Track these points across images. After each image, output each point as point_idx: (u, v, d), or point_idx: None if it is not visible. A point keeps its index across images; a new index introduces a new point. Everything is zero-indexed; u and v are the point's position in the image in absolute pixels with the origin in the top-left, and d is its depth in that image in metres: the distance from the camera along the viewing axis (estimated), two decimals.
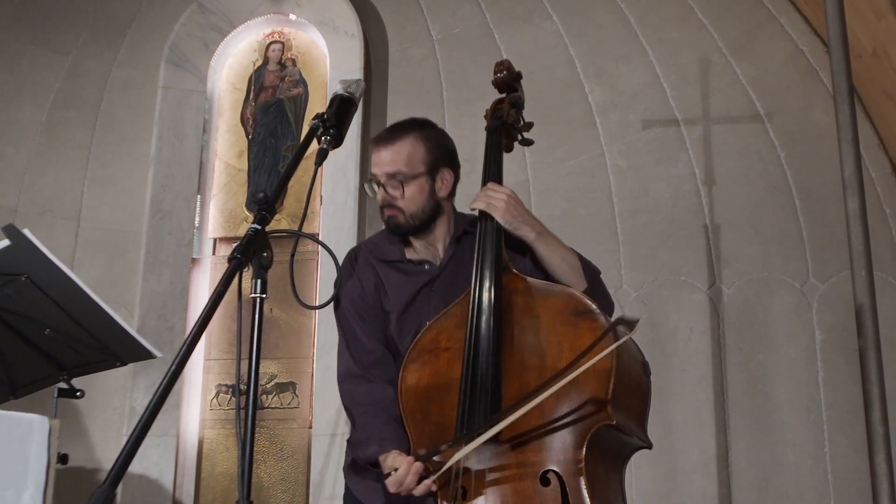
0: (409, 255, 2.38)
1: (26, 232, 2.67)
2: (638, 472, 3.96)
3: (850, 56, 3.03)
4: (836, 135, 2.97)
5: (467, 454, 1.89)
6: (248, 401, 1.66)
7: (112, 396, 4.36)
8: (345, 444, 2.44)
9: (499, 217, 2.18)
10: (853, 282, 2.88)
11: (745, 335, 4.09)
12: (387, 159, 2.31)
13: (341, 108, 2.00)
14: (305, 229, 2.95)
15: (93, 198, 4.72)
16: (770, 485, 3.89)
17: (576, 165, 4.45)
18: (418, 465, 1.98)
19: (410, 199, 2.29)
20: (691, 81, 4.42)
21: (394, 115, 4.45)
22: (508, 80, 2.40)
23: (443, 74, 4.69)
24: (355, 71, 4.59)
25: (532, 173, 4.47)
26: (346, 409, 2.28)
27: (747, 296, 4.13)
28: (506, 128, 2.34)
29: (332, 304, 2.34)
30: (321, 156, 1.96)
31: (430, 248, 2.38)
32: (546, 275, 2.24)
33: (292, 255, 1.96)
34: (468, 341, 2.01)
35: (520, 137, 2.42)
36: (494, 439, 1.89)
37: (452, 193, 2.42)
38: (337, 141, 1.98)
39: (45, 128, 4.80)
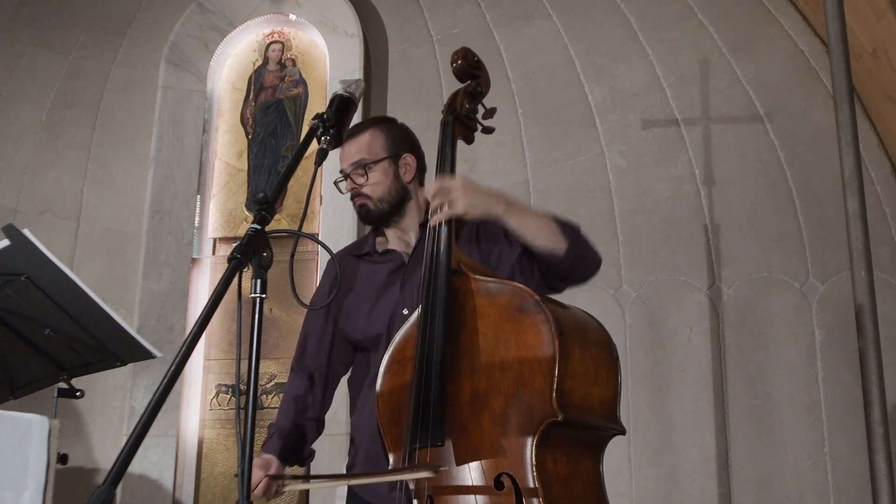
0: (380, 246, 2.42)
1: (26, 232, 2.67)
2: (638, 472, 3.96)
3: (850, 56, 3.03)
4: (836, 135, 2.97)
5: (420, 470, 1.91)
6: (248, 401, 1.66)
7: (112, 396, 4.36)
8: (346, 443, 2.45)
9: (461, 211, 2.11)
10: (853, 282, 2.89)
11: (745, 335, 4.09)
12: (350, 151, 2.39)
13: (341, 107, 2.00)
14: (305, 229, 2.96)
15: (93, 198, 4.72)
16: (770, 485, 3.89)
17: (575, 165, 4.45)
18: (266, 481, 2.13)
19: (375, 183, 2.35)
20: (691, 81, 4.42)
21: (393, 115, 4.44)
22: (466, 69, 2.35)
23: (442, 74, 4.69)
24: (355, 71, 4.59)
25: (532, 173, 4.47)
26: (281, 404, 2.45)
27: (747, 296, 4.13)
28: (460, 120, 2.30)
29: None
30: (321, 156, 1.96)
31: (403, 238, 2.41)
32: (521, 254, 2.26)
33: (292, 255, 1.96)
34: (418, 350, 1.99)
35: (479, 127, 2.35)
36: (441, 446, 1.89)
37: (421, 180, 2.44)
38: (337, 141, 1.98)
39: (45, 128, 4.80)
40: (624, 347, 4.08)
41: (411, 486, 1.95)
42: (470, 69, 2.35)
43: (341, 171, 2.42)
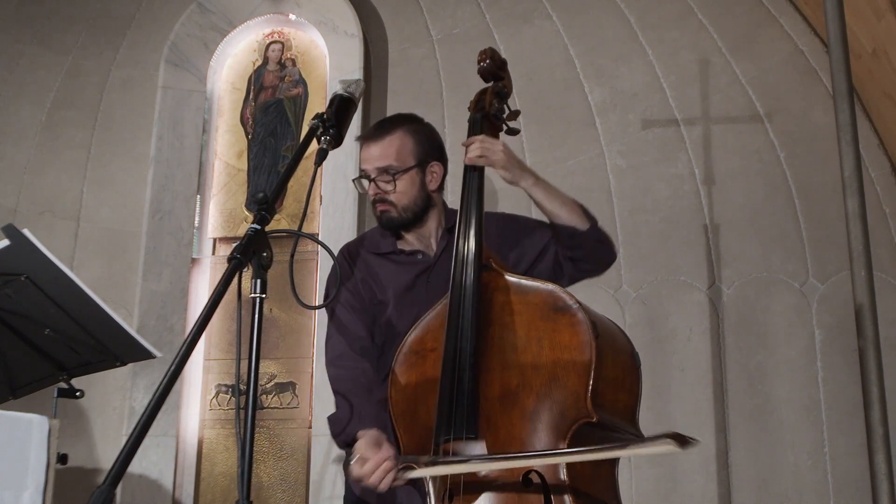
0: (402, 246, 2.40)
1: (26, 232, 2.67)
2: (638, 472, 3.96)
3: (850, 56, 3.03)
4: (836, 135, 2.97)
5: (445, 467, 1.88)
6: (247, 401, 1.66)
7: (112, 396, 4.36)
8: None
9: (499, 168, 2.20)
10: (853, 282, 2.88)
11: (745, 335, 4.09)
12: (377, 154, 2.33)
13: (341, 107, 2.01)
14: (305, 229, 2.95)
15: (92, 198, 4.72)
16: (770, 485, 3.89)
17: (575, 165, 4.45)
18: (389, 464, 1.89)
19: (402, 192, 2.32)
20: (691, 81, 4.42)
21: None
22: (493, 69, 2.37)
23: (442, 74, 4.69)
24: (355, 71, 4.59)
25: None
26: (334, 392, 2.24)
27: (747, 296, 4.13)
28: (488, 119, 2.32)
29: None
30: (321, 156, 1.97)
31: (423, 241, 2.40)
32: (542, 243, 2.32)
33: (292, 255, 1.96)
34: (447, 342, 1.99)
35: (504, 127, 2.37)
36: (475, 438, 1.88)
37: (442, 186, 2.44)
38: (336, 141, 1.98)
39: (44, 128, 4.80)
40: None
41: (428, 484, 1.94)
42: (497, 69, 2.38)
43: (363, 171, 2.35)
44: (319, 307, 2.29)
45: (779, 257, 4.16)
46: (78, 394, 3.10)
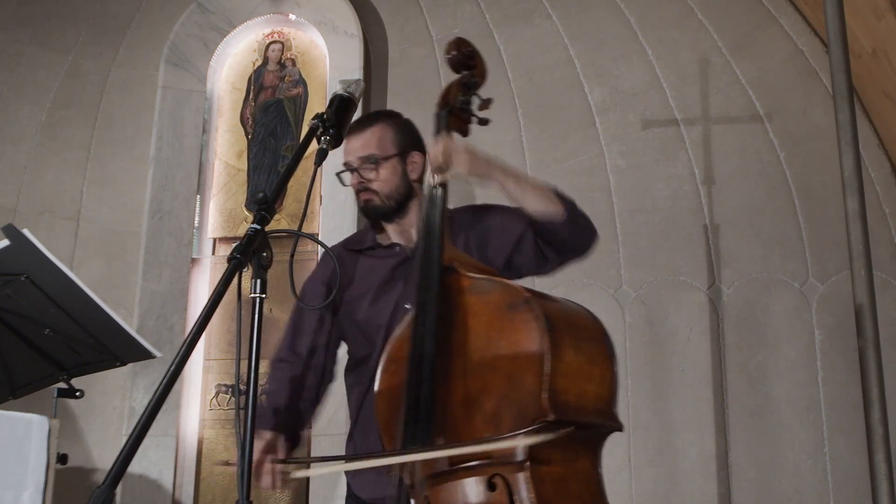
0: (382, 240, 2.43)
1: (26, 232, 2.68)
2: (638, 472, 3.96)
3: (850, 56, 3.03)
4: (836, 135, 2.97)
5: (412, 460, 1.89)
6: (247, 401, 1.66)
7: (112, 396, 4.36)
8: (344, 443, 2.45)
9: (464, 170, 2.18)
10: (853, 282, 2.89)
11: (745, 335, 4.09)
12: (359, 145, 2.39)
13: (341, 107, 2.01)
14: (305, 229, 2.95)
15: (92, 198, 4.72)
16: (769, 485, 3.89)
17: (575, 165, 4.45)
18: (268, 466, 2.11)
19: (385, 180, 2.36)
20: (691, 81, 4.42)
21: None
22: (460, 60, 2.31)
23: (442, 74, 4.69)
24: (355, 71, 4.59)
25: (531, 173, 4.46)
26: (263, 391, 2.36)
27: (747, 296, 4.13)
28: (453, 113, 2.27)
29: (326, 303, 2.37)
30: (321, 156, 1.97)
31: (404, 233, 2.42)
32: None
33: (292, 255, 1.97)
34: (411, 350, 1.98)
35: (474, 119, 2.32)
36: (439, 446, 1.88)
37: (422, 178, 2.45)
38: (336, 141, 1.98)
39: (44, 127, 4.80)
40: (624, 347, 4.08)
41: (407, 482, 1.95)
42: (464, 59, 2.32)
43: (346, 164, 2.41)
44: (319, 307, 2.29)
45: (779, 257, 4.16)
46: (78, 394, 3.10)
